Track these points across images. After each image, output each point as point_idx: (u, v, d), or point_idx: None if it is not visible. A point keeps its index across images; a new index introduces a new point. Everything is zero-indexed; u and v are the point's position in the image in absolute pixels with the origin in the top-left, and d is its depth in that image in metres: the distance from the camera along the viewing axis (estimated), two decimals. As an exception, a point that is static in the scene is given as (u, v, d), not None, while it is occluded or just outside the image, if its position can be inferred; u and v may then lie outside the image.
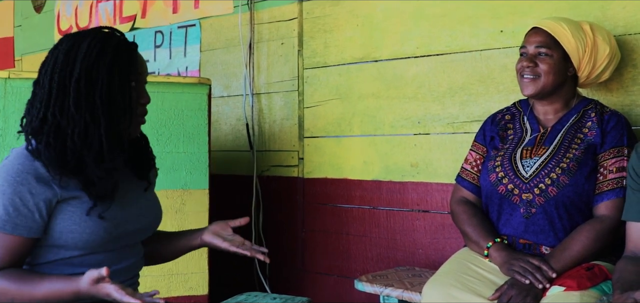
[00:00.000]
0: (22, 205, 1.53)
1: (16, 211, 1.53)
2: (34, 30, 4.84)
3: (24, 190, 1.53)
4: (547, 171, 2.03)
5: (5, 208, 1.52)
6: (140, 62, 1.66)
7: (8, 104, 2.41)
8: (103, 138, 1.55)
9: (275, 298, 2.67)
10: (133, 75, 1.62)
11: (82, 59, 1.55)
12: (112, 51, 1.58)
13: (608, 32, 2.20)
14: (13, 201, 1.52)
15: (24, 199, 1.53)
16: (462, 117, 2.71)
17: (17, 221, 1.53)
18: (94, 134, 1.55)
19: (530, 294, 1.85)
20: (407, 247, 2.88)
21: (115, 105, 1.57)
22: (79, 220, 1.57)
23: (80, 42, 1.58)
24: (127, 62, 1.61)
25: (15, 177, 1.53)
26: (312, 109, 3.22)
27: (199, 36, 3.71)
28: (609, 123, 2.07)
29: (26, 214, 1.53)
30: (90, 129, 1.55)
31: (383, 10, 2.96)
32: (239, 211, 3.43)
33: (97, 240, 1.59)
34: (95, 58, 1.56)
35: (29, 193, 1.53)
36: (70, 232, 1.57)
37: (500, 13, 2.61)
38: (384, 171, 2.95)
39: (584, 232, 1.96)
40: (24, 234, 1.54)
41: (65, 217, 1.57)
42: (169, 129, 2.66)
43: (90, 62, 1.55)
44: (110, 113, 1.56)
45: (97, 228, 1.59)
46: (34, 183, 1.53)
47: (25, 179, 1.53)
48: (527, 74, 2.11)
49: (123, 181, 1.69)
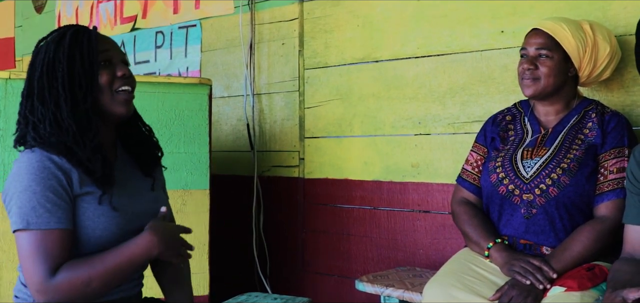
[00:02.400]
0: (57, 198, 1.52)
1: (55, 205, 1.51)
2: (35, 31, 4.84)
3: (54, 183, 1.52)
4: (548, 172, 2.03)
5: (43, 205, 1.50)
6: (103, 40, 1.67)
7: (9, 104, 2.41)
8: (71, 121, 1.56)
9: (276, 298, 2.67)
10: (97, 54, 1.62)
11: (43, 57, 1.61)
12: (70, 39, 1.61)
13: (608, 31, 2.20)
14: (48, 197, 1.51)
15: (57, 192, 1.52)
16: (463, 117, 2.71)
17: (59, 215, 1.52)
18: (62, 121, 1.57)
19: (531, 295, 1.85)
20: (407, 247, 2.88)
21: (79, 88, 1.59)
22: (92, 215, 1.57)
23: (43, 45, 1.64)
24: (87, 43, 1.62)
25: (40, 174, 1.52)
26: (313, 109, 3.22)
27: (199, 36, 3.71)
28: (610, 123, 2.07)
29: (64, 206, 1.53)
30: (57, 118, 1.57)
31: (383, 10, 2.96)
32: (239, 211, 3.44)
33: (109, 236, 1.59)
34: (53, 51, 1.60)
35: (60, 185, 1.53)
36: (84, 228, 1.57)
37: (500, 13, 2.61)
38: (385, 171, 2.95)
39: (585, 232, 1.96)
40: (70, 226, 1.54)
41: (79, 213, 1.57)
42: (170, 130, 2.66)
43: (50, 56, 1.60)
44: (73, 97, 1.58)
45: (110, 224, 1.59)
46: (60, 174, 1.53)
47: (51, 173, 1.53)
48: (528, 77, 2.11)
49: (131, 178, 1.71)
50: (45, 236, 1.50)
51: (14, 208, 1.52)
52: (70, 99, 1.58)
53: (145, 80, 2.70)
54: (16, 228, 1.52)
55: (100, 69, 1.62)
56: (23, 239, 1.51)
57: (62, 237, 1.52)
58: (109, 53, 1.65)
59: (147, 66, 4.00)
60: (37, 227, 1.50)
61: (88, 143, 1.57)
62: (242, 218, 3.42)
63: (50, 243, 1.50)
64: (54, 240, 1.51)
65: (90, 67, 1.60)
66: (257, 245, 3.36)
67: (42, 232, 1.50)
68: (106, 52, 1.64)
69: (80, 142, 1.56)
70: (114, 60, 1.66)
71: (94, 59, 1.61)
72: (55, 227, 1.51)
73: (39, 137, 1.57)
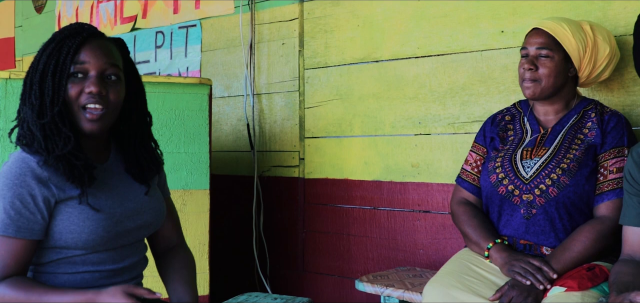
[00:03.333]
0: (23, 208, 1.53)
1: (18, 214, 1.52)
2: (35, 31, 4.85)
3: (24, 192, 1.53)
4: (548, 172, 2.03)
5: (7, 211, 1.52)
6: (91, 49, 1.58)
7: (9, 104, 2.41)
8: (36, 128, 1.55)
9: (276, 298, 2.67)
10: (70, 65, 1.56)
11: (33, 59, 1.60)
12: (55, 45, 1.58)
13: (608, 32, 2.20)
14: (14, 204, 1.52)
15: (24, 201, 1.53)
16: (463, 117, 2.71)
17: (20, 224, 1.53)
18: (32, 125, 1.56)
19: (531, 295, 1.85)
20: (407, 247, 2.88)
21: (47, 96, 1.55)
22: (77, 219, 1.57)
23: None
24: (67, 52, 1.57)
25: (14, 180, 1.53)
26: (313, 110, 3.22)
27: (199, 36, 3.71)
28: (609, 123, 2.07)
29: (28, 216, 1.53)
30: (29, 122, 1.57)
31: (384, 10, 2.96)
32: (239, 211, 3.44)
33: (96, 239, 1.59)
34: (39, 55, 1.59)
35: (30, 195, 1.53)
36: (70, 233, 1.57)
37: (500, 13, 2.61)
38: (385, 171, 2.95)
39: (585, 232, 1.96)
40: (27, 236, 1.54)
41: (64, 218, 1.57)
42: (170, 130, 2.67)
43: (36, 59, 1.59)
44: (41, 104, 1.56)
45: (96, 227, 1.58)
46: (34, 184, 1.53)
47: (24, 181, 1.53)
48: (528, 78, 2.11)
49: (120, 179, 1.69)
50: (1, 241, 1.52)
51: None
52: (38, 106, 1.56)
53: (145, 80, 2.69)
54: None
55: (70, 81, 1.57)
56: None
57: (16, 247, 1.53)
58: (86, 66, 1.58)
59: (147, 66, 4.00)
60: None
61: (52, 151, 1.54)
62: (242, 218, 3.42)
63: (2, 250, 1.52)
64: (6, 248, 1.52)
65: (59, 79, 1.56)
66: (257, 245, 3.36)
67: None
68: (83, 64, 1.58)
69: (44, 149, 1.55)
70: (90, 74, 1.59)
71: (65, 70, 1.56)
72: (11, 235, 1.52)
73: (24, 137, 1.58)
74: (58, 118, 1.56)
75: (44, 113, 1.56)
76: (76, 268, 1.61)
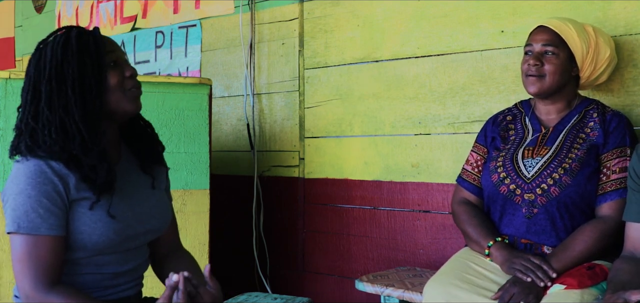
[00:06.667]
0: (51, 204, 1.51)
1: (48, 212, 1.51)
2: (35, 31, 4.84)
3: (49, 189, 1.51)
4: (550, 171, 2.03)
5: (36, 211, 1.50)
6: (108, 41, 1.67)
7: (9, 104, 2.41)
8: (80, 126, 1.55)
9: (276, 298, 2.67)
10: (105, 56, 1.62)
11: (50, 60, 1.58)
12: (76, 41, 1.59)
13: (608, 35, 2.21)
14: (41, 202, 1.50)
15: (51, 198, 1.51)
16: (463, 117, 2.71)
17: (51, 221, 1.51)
18: (71, 126, 1.55)
19: (532, 292, 1.85)
20: (408, 247, 2.88)
21: (89, 91, 1.58)
22: (89, 221, 1.56)
23: (45, 47, 1.61)
24: (95, 45, 1.61)
25: (36, 178, 1.51)
26: (313, 109, 3.22)
27: (199, 36, 3.71)
28: (611, 123, 2.07)
29: (57, 213, 1.52)
30: (66, 123, 1.55)
31: (384, 10, 2.96)
32: (239, 211, 3.44)
33: (106, 242, 1.58)
34: (61, 54, 1.58)
35: (54, 191, 1.52)
36: (79, 233, 1.56)
37: (500, 13, 2.61)
38: (385, 171, 2.95)
39: (587, 232, 1.96)
40: (61, 233, 1.53)
41: (75, 218, 1.56)
42: (170, 129, 2.66)
43: (59, 59, 1.58)
44: (84, 101, 1.57)
45: (107, 230, 1.58)
46: (57, 180, 1.52)
47: (46, 178, 1.52)
48: (533, 73, 2.11)
49: (130, 181, 1.69)
50: (35, 241, 1.50)
51: (9, 210, 1.52)
52: (81, 102, 1.56)
53: (146, 80, 2.70)
54: (8, 230, 1.52)
55: (109, 70, 1.62)
56: (14, 242, 1.52)
57: (52, 243, 1.52)
58: (116, 54, 1.65)
59: (147, 66, 4.00)
60: (27, 232, 1.50)
61: (95, 148, 1.56)
62: (242, 218, 3.42)
63: (40, 249, 1.50)
64: (44, 247, 1.51)
65: (100, 70, 1.60)
66: (257, 245, 3.36)
67: (32, 237, 1.50)
68: (113, 52, 1.64)
69: (87, 149, 1.55)
70: (120, 61, 1.66)
71: (103, 61, 1.61)
72: (45, 233, 1.51)
73: (35, 146, 1.55)
74: (100, 111, 1.59)
75: (87, 109, 1.56)
76: (80, 269, 1.60)
